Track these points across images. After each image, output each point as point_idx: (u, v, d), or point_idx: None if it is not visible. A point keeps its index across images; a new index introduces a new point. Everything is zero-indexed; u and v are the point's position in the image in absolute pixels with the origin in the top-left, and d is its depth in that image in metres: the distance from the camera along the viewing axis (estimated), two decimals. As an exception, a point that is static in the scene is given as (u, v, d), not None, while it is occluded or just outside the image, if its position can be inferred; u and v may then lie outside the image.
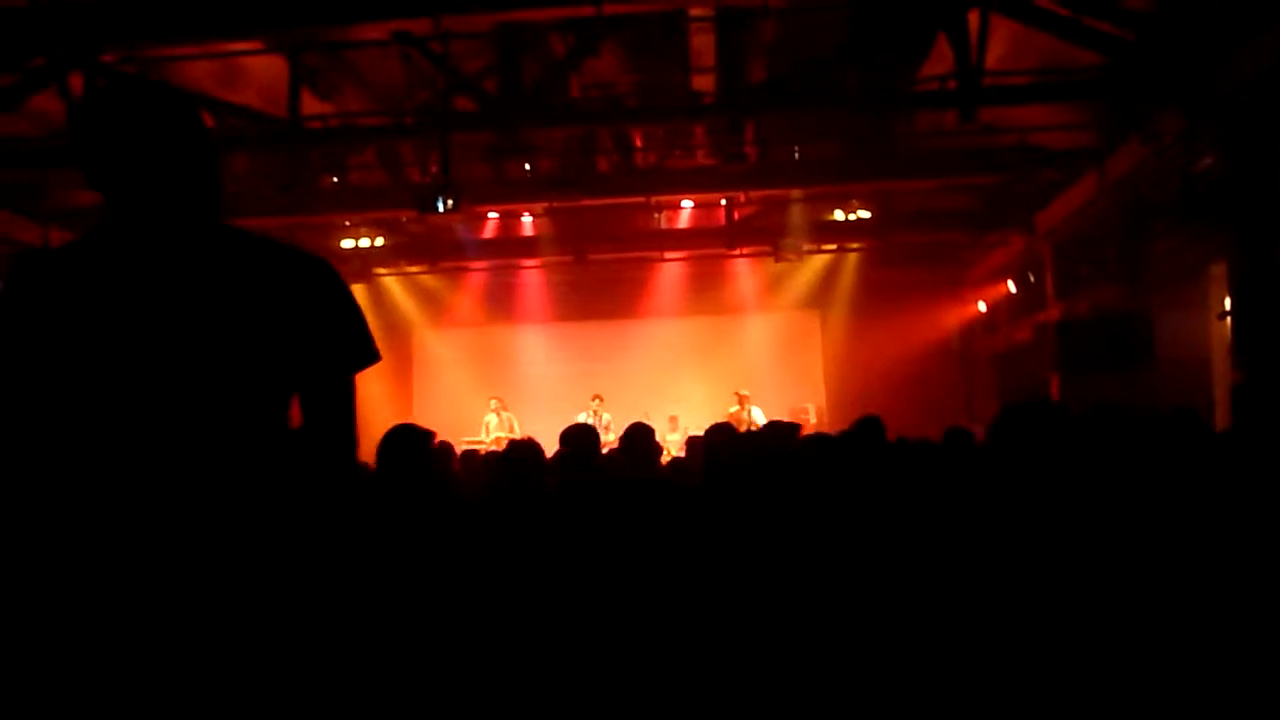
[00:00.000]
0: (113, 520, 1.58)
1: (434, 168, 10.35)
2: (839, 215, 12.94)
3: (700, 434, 4.92)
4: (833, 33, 8.80)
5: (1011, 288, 12.83)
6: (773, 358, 15.21)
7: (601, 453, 4.32)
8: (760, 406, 13.30)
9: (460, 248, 14.06)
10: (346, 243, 13.11)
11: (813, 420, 13.98)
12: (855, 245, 14.35)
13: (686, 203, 13.17)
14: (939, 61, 8.42)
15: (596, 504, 2.93)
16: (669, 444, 11.30)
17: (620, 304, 15.37)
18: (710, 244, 14.03)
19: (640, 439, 4.56)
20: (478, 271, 15.25)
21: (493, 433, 12.88)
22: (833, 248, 14.48)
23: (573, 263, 14.10)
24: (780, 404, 14.38)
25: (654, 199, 12.31)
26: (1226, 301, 8.06)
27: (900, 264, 14.36)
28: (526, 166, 11.34)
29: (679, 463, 5.52)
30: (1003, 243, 13.20)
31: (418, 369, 15.94)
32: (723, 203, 13.26)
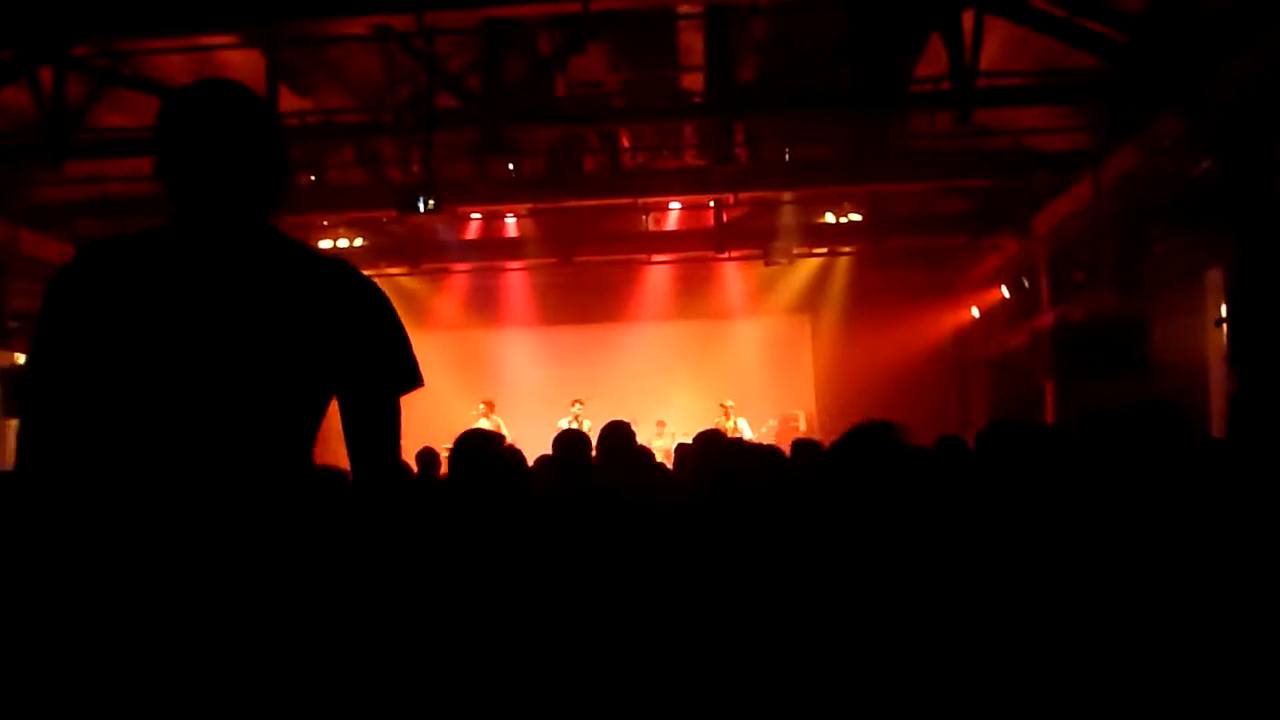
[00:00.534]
0: (137, 518, 1.61)
1: (415, 167, 10.16)
2: (830, 218, 12.75)
3: (688, 441, 4.74)
4: (824, 30, 8.64)
5: (1005, 292, 12.67)
6: (762, 363, 15.00)
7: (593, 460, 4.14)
8: (749, 413, 13.13)
9: (442, 249, 13.81)
10: (324, 243, 12.64)
11: (802, 427, 13.85)
12: (847, 249, 14.20)
13: (675, 204, 12.99)
14: (933, 62, 8.26)
15: (598, 513, 2.92)
16: (655, 449, 11.07)
17: (606, 307, 15.13)
18: (699, 246, 13.82)
19: (618, 443, 4.27)
20: (460, 274, 15.03)
21: (482, 437, 12.63)
22: (824, 251, 14.32)
23: (558, 265, 13.85)
24: (769, 410, 14.23)
25: (641, 200, 12.15)
26: (1223, 308, 7.93)
27: (892, 268, 14.18)
28: (510, 166, 11.17)
29: (668, 473, 5.31)
30: (997, 247, 13.07)
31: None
32: (712, 204, 13.09)
